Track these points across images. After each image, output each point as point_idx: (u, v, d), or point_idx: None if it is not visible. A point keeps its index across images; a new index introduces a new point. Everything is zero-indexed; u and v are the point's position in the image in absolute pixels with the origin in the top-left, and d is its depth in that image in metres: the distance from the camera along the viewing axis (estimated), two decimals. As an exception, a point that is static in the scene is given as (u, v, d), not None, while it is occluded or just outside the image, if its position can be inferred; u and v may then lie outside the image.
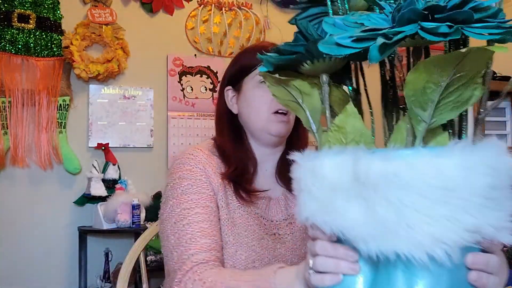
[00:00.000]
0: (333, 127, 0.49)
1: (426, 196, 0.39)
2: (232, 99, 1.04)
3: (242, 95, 1.02)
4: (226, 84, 1.05)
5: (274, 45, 1.00)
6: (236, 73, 1.03)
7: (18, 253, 2.54)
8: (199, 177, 0.93)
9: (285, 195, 1.03)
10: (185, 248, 0.85)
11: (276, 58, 0.50)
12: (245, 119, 1.01)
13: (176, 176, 0.95)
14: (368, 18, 0.41)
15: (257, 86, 0.99)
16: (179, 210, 0.90)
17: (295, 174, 0.50)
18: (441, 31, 0.36)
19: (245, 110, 1.01)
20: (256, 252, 0.93)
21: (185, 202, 0.90)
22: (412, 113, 0.43)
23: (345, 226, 0.44)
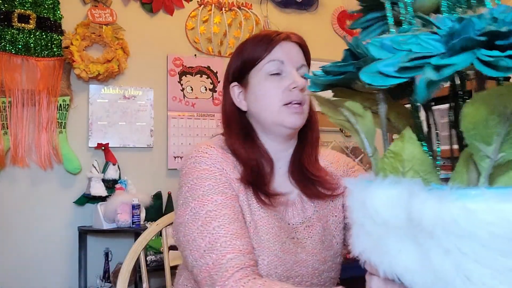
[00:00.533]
0: (388, 153, 0.43)
1: (489, 246, 0.33)
2: (239, 96, 0.97)
3: (250, 89, 0.96)
4: (231, 81, 0.99)
5: (277, 32, 0.98)
6: (240, 68, 0.97)
7: (18, 253, 2.54)
8: (219, 177, 0.88)
9: (300, 197, 0.98)
10: (221, 252, 0.80)
11: (323, 79, 0.45)
12: (256, 114, 0.95)
13: (193, 177, 0.88)
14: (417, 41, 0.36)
15: (265, 79, 0.94)
16: (204, 212, 0.84)
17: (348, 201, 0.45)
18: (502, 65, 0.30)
19: (255, 105, 0.95)
20: (278, 257, 0.88)
21: (209, 203, 0.85)
22: (474, 148, 0.38)
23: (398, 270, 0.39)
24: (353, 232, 0.44)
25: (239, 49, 0.99)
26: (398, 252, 0.39)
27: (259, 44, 0.95)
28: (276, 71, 0.93)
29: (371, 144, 0.46)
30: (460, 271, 0.34)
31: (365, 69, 0.37)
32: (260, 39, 0.96)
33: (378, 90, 0.43)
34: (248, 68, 0.96)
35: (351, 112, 0.46)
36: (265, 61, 0.94)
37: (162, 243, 1.25)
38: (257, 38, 0.97)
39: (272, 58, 0.93)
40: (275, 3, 3.29)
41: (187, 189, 0.88)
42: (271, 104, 0.92)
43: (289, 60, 0.94)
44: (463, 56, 0.32)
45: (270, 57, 0.94)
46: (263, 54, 0.94)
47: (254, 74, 0.95)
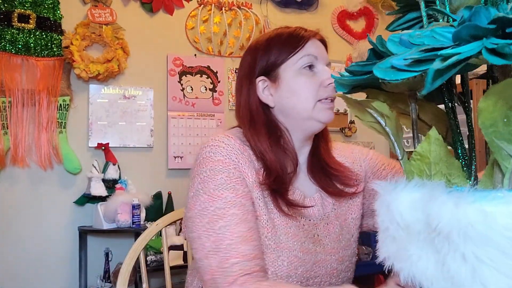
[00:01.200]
0: (415, 155, 0.41)
1: (506, 252, 0.32)
2: (264, 91, 0.94)
3: (282, 84, 0.93)
4: (257, 75, 0.95)
5: (305, 29, 0.96)
6: (271, 63, 0.94)
7: (18, 253, 2.54)
8: (233, 170, 0.85)
9: (320, 194, 0.96)
10: (224, 255, 0.78)
11: (348, 80, 0.44)
12: (288, 109, 0.92)
13: (207, 168, 0.85)
14: (432, 34, 0.35)
15: (300, 73, 0.92)
16: (212, 208, 0.82)
17: (375, 205, 0.44)
18: (507, 52, 0.29)
19: (288, 100, 0.92)
20: (298, 257, 0.87)
21: (218, 199, 0.82)
22: (495, 146, 0.36)
23: (418, 277, 0.38)
24: (379, 237, 0.43)
25: (265, 44, 0.95)
26: (418, 258, 0.37)
27: (291, 39, 0.94)
28: (310, 65, 0.92)
29: (399, 146, 0.45)
30: (477, 278, 0.33)
31: (379, 65, 0.36)
32: (290, 34, 0.95)
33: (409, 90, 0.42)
34: (278, 63, 0.93)
35: (379, 113, 0.44)
36: (298, 56, 0.92)
37: (162, 243, 1.25)
38: (285, 34, 0.95)
39: (306, 53, 0.92)
40: (275, 3, 3.29)
41: (199, 180, 0.86)
42: (307, 99, 0.91)
43: (320, 56, 0.94)
44: (471, 45, 0.30)
45: (303, 52, 0.92)
46: (296, 49, 0.92)
47: (286, 68, 0.93)
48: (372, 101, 0.44)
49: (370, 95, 0.46)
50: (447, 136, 0.47)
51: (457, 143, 0.44)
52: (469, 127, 0.45)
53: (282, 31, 0.96)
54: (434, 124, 0.46)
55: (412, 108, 0.43)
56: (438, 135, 0.40)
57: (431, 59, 0.32)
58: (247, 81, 0.96)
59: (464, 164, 0.43)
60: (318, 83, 0.92)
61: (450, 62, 0.30)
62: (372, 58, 0.42)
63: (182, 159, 2.94)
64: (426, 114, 0.46)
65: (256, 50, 0.96)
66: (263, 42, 0.96)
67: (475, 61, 0.32)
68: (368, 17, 3.59)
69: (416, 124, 0.44)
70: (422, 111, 0.46)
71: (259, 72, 0.95)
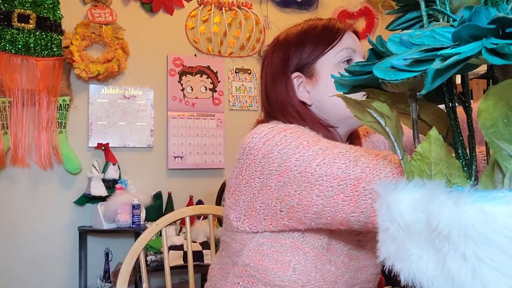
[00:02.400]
0: (416, 155, 0.41)
1: (507, 252, 0.31)
2: (299, 88, 0.88)
3: (320, 80, 0.87)
4: (292, 70, 0.88)
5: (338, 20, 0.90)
6: (306, 57, 0.88)
7: (18, 253, 2.54)
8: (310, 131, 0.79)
9: None
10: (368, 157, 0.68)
11: (348, 80, 0.43)
12: (328, 107, 0.86)
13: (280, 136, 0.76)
14: (432, 34, 0.35)
15: (338, 67, 0.86)
16: (316, 149, 0.72)
17: (376, 205, 0.44)
18: (506, 52, 0.29)
19: (327, 99, 0.86)
20: (344, 263, 0.83)
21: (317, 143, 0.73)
22: (495, 147, 0.35)
23: (418, 278, 0.38)
24: (379, 237, 0.42)
25: (298, 38, 0.89)
26: (418, 258, 0.37)
27: (327, 32, 0.88)
28: (348, 59, 0.87)
29: (399, 147, 0.44)
30: (477, 279, 0.33)
31: (378, 65, 0.36)
32: (325, 26, 0.89)
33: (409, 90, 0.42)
34: (314, 58, 0.87)
35: (379, 113, 0.44)
36: (336, 50, 0.87)
37: (162, 243, 1.25)
38: (320, 26, 0.89)
39: (344, 46, 0.87)
40: (275, 3, 3.29)
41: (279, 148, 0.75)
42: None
43: (358, 49, 0.89)
44: (471, 45, 0.30)
45: (341, 45, 0.87)
46: (333, 42, 0.87)
47: (322, 64, 0.87)
48: (372, 101, 0.43)
49: (370, 95, 0.46)
50: (447, 136, 0.47)
51: (457, 143, 0.44)
52: (469, 127, 0.45)
53: (316, 23, 0.90)
54: (434, 124, 0.46)
55: (412, 108, 0.43)
56: (438, 135, 0.40)
57: (431, 59, 0.32)
58: (282, 78, 0.89)
59: (465, 164, 0.43)
60: None
61: (450, 62, 0.30)
62: (372, 58, 0.41)
63: (182, 159, 2.94)
64: (426, 114, 0.46)
65: (288, 45, 0.90)
66: (295, 35, 0.90)
67: (475, 61, 0.32)
68: (368, 17, 3.59)
69: (417, 124, 0.44)
70: (423, 111, 0.46)
71: (294, 68, 0.89)
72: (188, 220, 1.26)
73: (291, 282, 0.80)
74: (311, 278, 0.80)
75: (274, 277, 0.81)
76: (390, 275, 0.45)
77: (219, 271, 0.91)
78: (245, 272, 0.84)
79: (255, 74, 3.19)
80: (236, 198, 0.83)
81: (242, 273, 0.85)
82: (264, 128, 0.80)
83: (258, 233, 0.83)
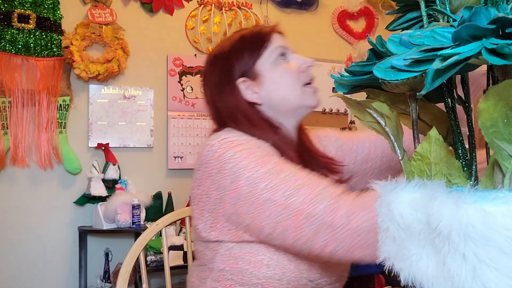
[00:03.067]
0: (416, 155, 0.41)
1: (507, 252, 0.31)
2: (247, 90, 0.95)
3: (264, 79, 0.94)
4: (237, 77, 0.95)
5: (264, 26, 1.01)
6: (246, 62, 0.95)
7: (18, 253, 2.54)
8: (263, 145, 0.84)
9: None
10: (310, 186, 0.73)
11: (348, 80, 0.43)
12: (277, 101, 0.93)
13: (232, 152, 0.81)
14: (432, 35, 0.35)
15: (276, 64, 0.94)
16: (265, 170, 0.77)
17: (376, 205, 0.43)
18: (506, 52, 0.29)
19: (275, 93, 0.93)
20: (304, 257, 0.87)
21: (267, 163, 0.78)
22: (495, 147, 0.35)
23: (418, 278, 0.38)
24: (379, 237, 0.43)
25: (237, 43, 0.97)
26: (418, 258, 0.37)
27: (257, 37, 0.97)
28: (282, 53, 0.95)
29: (399, 147, 0.44)
30: (477, 279, 0.32)
31: (378, 65, 0.36)
32: (254, 33, 0.98)
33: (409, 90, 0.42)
34: (253, 61, 0.95)
35: (379, 113, 0.44)
36: (269, 50, 0.95)
37: (162, 243, 1.25)
38: (249, 34, 0.98)
39: (276, 45, 0.96)
40: (275, 3, 3.29)
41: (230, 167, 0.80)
42: (292, 86, 0.93)
43: (287, 46, 0.98)
44: (470, 46, 0.30)
45: (273, 44, 0.96)
46: (264, 43, 0.95)
47: (262, 63, 0.94)
48: (372, 102, 0.43)
49: (370, 95, 0.46)
50: (447, 136, 0.47)
51: (457, 143, 0.44)
52: (469, 127, 0.45)
53: (245, 32, 0.99)
54: (434, 124, 0.45)
55: (412, 108, 0.43)
56: (438, 135, 0.40)
57: (431, 59, 0.32)
58: (228, 86, 0.96)
59: (465, 164, 0.43)
60: (296, 68, 0.95)
61: (449, 62, 0.30)
62: (372, 58, 0.41)
63: (182, 159, 2.94)
64: (426, 114, 0.46)
65: (227, 55, 0.97)
66: (231, 46, 0.97)
67: (475, 61, 0.32)
68: (368, 17, 3.59)
69: (416, 124, 0.44)
70: (422, 111, 0.46)
71: (238, 74, 0.96)
72: (188, 220, 1.26)
73: (267, 279, 0.83)
74: (286, 270, 0.83)
75: (250, 276, 0.84)
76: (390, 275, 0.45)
77: (197, 277, 0.95)
78: (222, 276, 0.88)
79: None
80: (201, 209, 0.87)
81: (219, 278, 0.89)
82: (216, 142, 0.85)
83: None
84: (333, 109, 3.27)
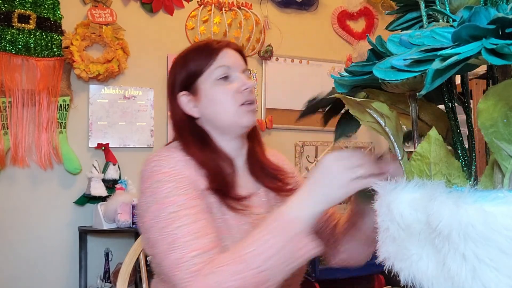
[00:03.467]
0: (415, 155, 0.41)
1: (507, 252, 0.31)
2: (188, 104, 1.01)
3: (202, 96, 0.99)
4: (178, 90, 1.02)
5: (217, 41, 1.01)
6: (187, 77, 1.00)
7: (17, 253, 2.54)
8: (180, 178, 0.88)
9: (264, 190, 1.02)
10: (183, 251, 0.79)
11: (348, 80, 0.44)
12: (212, 118, 0.99)
13: (153, 180, 0.88)
14: (432, 34, 0.35)
15: (216, 84, 0.98)
16: (165, 214, 0.83)
17: (375, 205, 0.43)
18: (506, 52, 0.29)
19: (210, 110, 0.98)
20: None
21: (170, 205, 0.84)
22: (494, 147, 0.35)
23: (418, 277, 0.38)
24: (379, 237, 0.43)
25: (181, 60, 1.02)
26: (418, 258, 0.37)
27: (204, 52, 1.00)
28: (224, 76, 0.98)
29: (399, 147, 0.44)
30: (477, 278, 0.32)
31: (378, 65, 0.36)
32: (203, 48, 1.01)
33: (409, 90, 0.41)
34: (195, 77, 1.00)
35: (379, 113, 0.44)
36: (212, 68, 0.98)
37: (162, 243, 1.25)
38: (199, 47, 1.01)
39: (219, 64, 0.99)
40: (275, 3, 3.29)
41: (148, 193, 0.87)
42: (227, 106, 0.97)
43: (234, 65, 1.00)
44: (470, 46, 0.30)
45: (216, 63, 0.99)
46: (209, 61, 0.99)
47: (203, 81, 0.99)
48: (372, 102, 0.43)
49: (370, 96, 0.46)
50: (447, 136, 0.47)
51: (457, 143, 0.44)
52: (469, 127, 0.45)
53: (196, 45, 1.04)
54: (434, 124, 0.46)
55: (412, 108, 0.43)
56: (438, 135, 0.40)
57: (430, 59, 0.32)
58: (172, 98, 1.03)
59: (464, 164, 0.43)
60: (235, 89, 0.98)
61: (449, 62, 0.30)
62: (372, 59, 0.41)
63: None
64: (426, 114, 0.46)
65: (174, 67, 1.04)
66: (179, 58, 1.03)
67: (474, 61, 0.32)
68: (368, 17, 3.59)
69: (416, 124, 0.44)
70: (422, 111, 0.46)
71: (180, 87, 1.02)
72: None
73: None
74: None
75: None
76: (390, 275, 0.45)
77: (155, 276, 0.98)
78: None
79: (255, 75, 3.19)
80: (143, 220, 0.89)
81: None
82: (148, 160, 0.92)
83: None
84: (333, 109, 3.26)
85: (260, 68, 3.22)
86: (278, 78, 3.24)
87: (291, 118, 3.11)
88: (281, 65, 3.26)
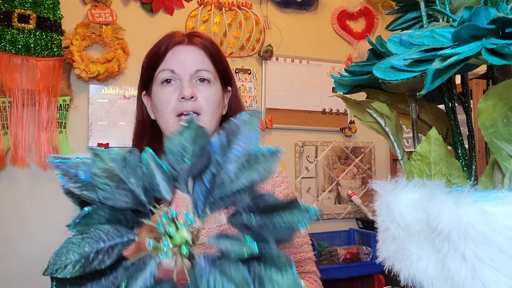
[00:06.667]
0: (415, 155, 0.41)
1: (507, 252, 0.31)
2: (148, 104, 0.98)
3: (152, 99, 0.95)
4: (141, 90, 0.99)
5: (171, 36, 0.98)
6: (144, 78, 0.96)
7: (17, 253, 2.54)
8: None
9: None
10: None
11: (348, 80, 0.43)
12: (159, 123, 0.94)
13: None
14: (432, 34, 0.35)
15: (160, 87, 0.92)
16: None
17: (375, 205, 0.43)
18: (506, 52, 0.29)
19: (157, 115, 0.94)
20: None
21: None
22: (494, 147, 0.35)
23: (418, 277, 0.38)
24: (379, 237, 0.42)
25: (143, 61, 0.99)
26: (418, 258, 0.37)
27: (154, 52, 0.94)
28: (167, 79, 0.91)
29: (399, 147, 0.44)
30: (477, 278, 0.32)
31: (378, 65, 0.36)
32: (154, 46, 0.96)
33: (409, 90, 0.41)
34: (149, 78, 0.95)
35: (378, 113, 0.44)
36: (159, 70, 0.92)
37: (162, 243, 1.25)
38: (154, 46, 0.96)
39: (163, 67, 0.92)
40: (275, 3, 3.29)
41: None
42: (166, 114, 0.90)
43: (180, 68, 0.91)
44: (470, 46, 0.30)
45: (162, 66, 0.92)
46: (158, 62, 0.93)
47: (154, 83, 0.94)
48: (372, 101, 0.43)
49: (370, 95, 0.46)
50: (447, 136, 0.47)
51: (457, 143, 0.44)
52: (469, 127, 0.45)
53: (155, 43, 0.99)
54: (434, 124, 0.46)
55: (412, 108, 0.43)
56: (438, 135, 0.40)
57: (430, 59, 0.32)
58: (138, 95, 1.01)
59: (464, 164, 0.43)
60: (175, 97, 0.90)
61: (449, 62, 0.30)
62: (372, 58, 0.41)
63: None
64: (426, 114, 0.46)
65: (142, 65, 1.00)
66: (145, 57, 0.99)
67: (474, 61, 0.32)
68: (368, 17, 3.59)
69: (416, 124, 0.44)
70: (422, 111, 0.46)
71: (141, 87, 0.98)
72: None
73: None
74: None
75: None
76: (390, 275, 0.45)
77: None
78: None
79: (255, 74, 3.19)
80: None
81: None
82: None
83: None
84: (333, 109, 3.27)
85: (260, 68, 3.22)
86: (278, 78, 3.24)
87: (291, 118, 3.11)
88: (281, 65, 3.26)
